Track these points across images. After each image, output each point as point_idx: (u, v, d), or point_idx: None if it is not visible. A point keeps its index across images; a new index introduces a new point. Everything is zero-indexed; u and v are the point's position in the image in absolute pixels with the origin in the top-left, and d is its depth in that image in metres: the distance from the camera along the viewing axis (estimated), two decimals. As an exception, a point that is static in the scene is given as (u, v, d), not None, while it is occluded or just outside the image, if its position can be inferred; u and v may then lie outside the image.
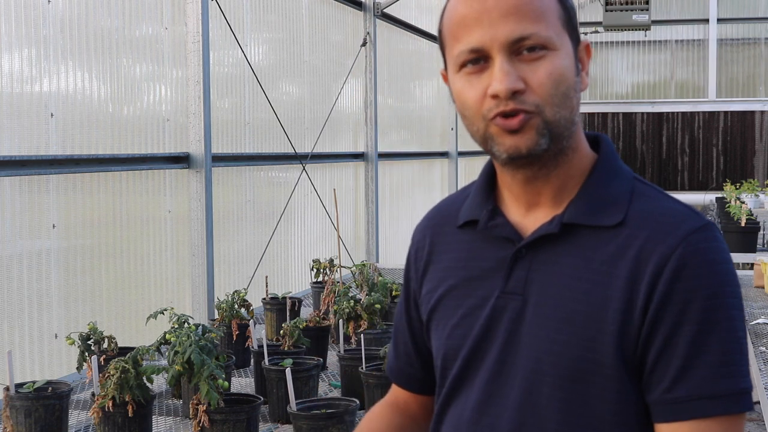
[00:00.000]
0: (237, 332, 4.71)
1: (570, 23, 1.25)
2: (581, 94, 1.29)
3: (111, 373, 3.36)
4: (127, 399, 3.34)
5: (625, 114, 14.76)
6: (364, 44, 9.09)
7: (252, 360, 4.52)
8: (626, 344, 1.19)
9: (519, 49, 1.20)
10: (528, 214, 1.29)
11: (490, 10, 1.20)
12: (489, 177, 1.36)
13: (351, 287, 5.32)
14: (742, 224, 7.48)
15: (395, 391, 1.53)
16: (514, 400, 1.25)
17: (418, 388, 1.49)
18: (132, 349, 3.80)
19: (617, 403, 1.21)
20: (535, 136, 1.20)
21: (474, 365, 1.30)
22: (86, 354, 4.21)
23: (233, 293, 4.99)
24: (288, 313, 5.03)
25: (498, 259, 1.30)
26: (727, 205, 8.50)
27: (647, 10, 11.69)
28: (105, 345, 4.31)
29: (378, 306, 4.83)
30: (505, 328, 1.26)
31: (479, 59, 1.22)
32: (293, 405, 3.40)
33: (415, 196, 11.30)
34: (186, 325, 3.88)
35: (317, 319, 4.83)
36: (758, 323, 4.42)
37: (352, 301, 4.82)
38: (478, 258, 1.32)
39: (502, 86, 1.19)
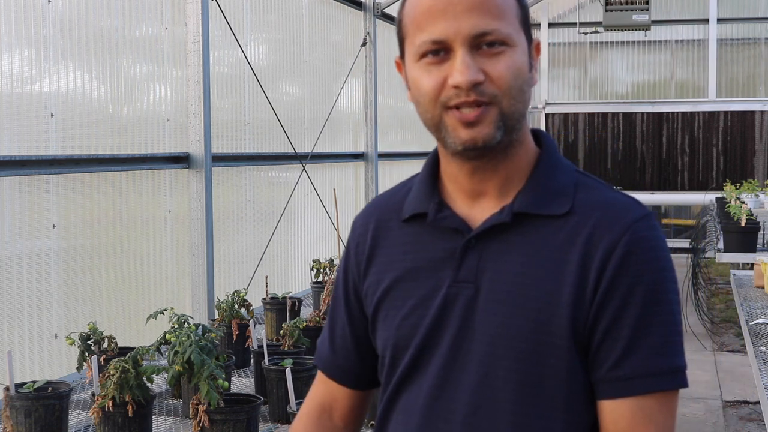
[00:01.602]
0: (237, 332, 4.71)
1: (525, 22, 1.32)
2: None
3: (111, 373, 3.36)
4: (127, 399, 3.34)
5: (625, 114, 14.75)
6: (364, 44, 9.09)
7: (252, 360, 4.52)
8: (577, 326, 1.25)
9: (480, 44, 1.25)
10: (474, 205, 1.33)
11: (455, 4, 1.24)
12: (432, 170, 1.39)
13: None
14: (742, 224, 7.47)
15: (324, 388, 1.53)
16: (470, 384, 1.28)
17: (353, 383, 1.50)
18: (132, 349, 3.80)
19: (569, 382, 1.26)
20: (492, 128, 1.25)
21: (427, 353, 1.32)
22: (86, 354, 4.21)
23: (233, 293, 4.99)
24: (288, 313, 5.03)
25: (447, 250, 1.33)
26: (727, 205, 8.50)
27: (647, 10, 11.69)
28: (105, 345, 4.31)
29: (378, 306, 4.82)
30: (458, 315, 1.30)
31: (440, 50, 1.26)
32: (293, 405, 3.40)
33: (415, 196, 11.27)
34: (186, 325, 3.88)
35: (317, 319, 4.83)
36: (758, 323, 4.42)
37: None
38: (425, 250, 1.35)
39: (463, 78, 1.23)
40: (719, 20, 14.53)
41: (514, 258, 1.29)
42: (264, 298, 5.63)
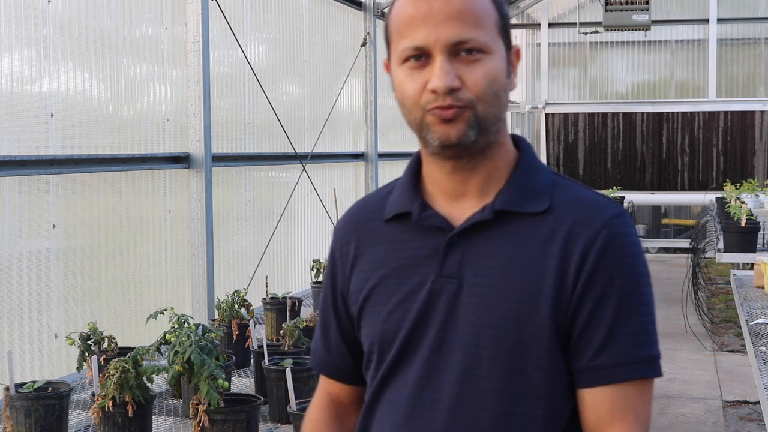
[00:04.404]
0: (237, 332, 4.71)
1: (504, 29, 1.37)
2: (510, 95, 1.42)
3: (111, 373, 3.36)
4: (127, 399, 3.34)
5: (625, 114, 14.75)
6: (364, 44, 9.10)
7: (252, 360, 4.52)
8: (558, 316, 1.31)
9: (458, 51, 1.32)
10: (454, 205, 1.39)
11: (435, 14, 1.31)
12: (414, 173, 1.45)
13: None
14: (742, 224, 7.47)
15: (326, 385, 1.59)
16: (454, 374, 1.34)
17: (349, 379, 1.55)
18: (132, 349, 3.80)
19: (550, 371, 1.32)
20: (465, 127, 1.32)
21: (412, 345, 1.37)
22: (86, 354, 4.21)
23: (233, 293, 4.99)
24: (288, 313, 5.03)
25: (430, 247, 1.38)
26: (727, 205, 8.50)
27: (647, 10, 11.69)
28: (105, 345, 4.31)
29: (378, 306, 4.82)
30: (442, 308, 1.35)
31: (421, 56, 1.33)
32: (293, 405, 3.40)
33: (415, 196, 11.29)
34: (186, 325, 3.88)
35: (317, 319, 4.83)
36: (758, 323, 4.41)
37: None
38: (410, 248, 1.41)
39: (441, 83, 1.30)
40: (719, 20, 14.53)
41: (496, 253, 1.35)
42: (264, 298, 5.63)
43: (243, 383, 4.57)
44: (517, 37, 15.10)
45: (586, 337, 1.32)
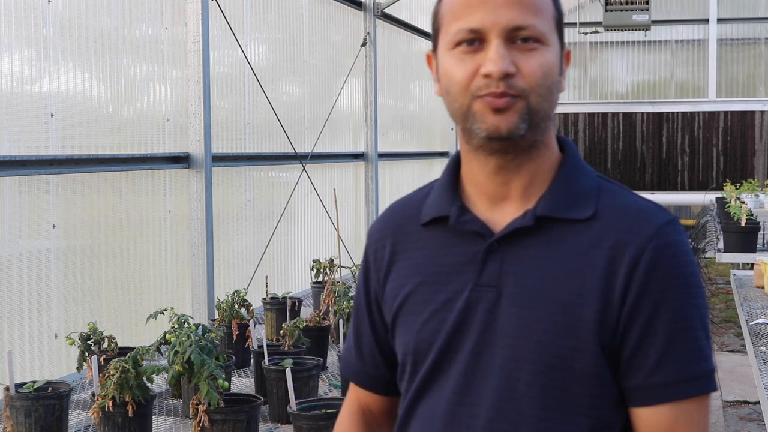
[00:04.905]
0: (237, 332, 4.71)
1: (560, 26, 1.32)
2: (561, 95, 1.36)
3: (111, 373, 3.36)
4: (127, 399, 3.34)
5: (625, 114, 14.75)
6: (364, 44, 9.09)
7: (252, 360, 4.52)
8: (604, 331, 1.24)
9: (515, 38, 1.25)
10: (495, 209, 1.32)
11: None
12: (453, 175, 1.38)
13: (351, 287, 5.32)
14: (742, 224, 7.47)
15: (358, 395, 1.52)
16: (492, 389, 1.27)
17: (383, 390, 1.49)
18: (132, 349, 3.79)
19: (595, 388, 1.25)
20: (517, 119, 1.24)
21: (448, 357, 1.30)
22: (86, 354, 4.20)
23: (233, 293, 4.99)
24: (288, 313, 5.03)
25: (469, 254, 1.31)
26: (727, 205, 8.50)
27: (647, 10, 11.68)
28: (105, 345, 4.31)
29: (378, 306, 4.82)
30: (480, 319, 1.28)
31: (475, 40, 1.26)
32: (293, 405, 3.40)
33: (415, 196, 11.28)
34: (186, 325, 3.88)
35: (317, 319, 4.83)
36: (758, 323, 4.41)
37: (352, 301, 4.82)
38: (447, 254, 1.33)
39: (496, 67, 1.23)
40: (719, 20, 14.53)
41: (537, 262, 1.27)
42: (264, 298, 5.63)
43: (243, 383, 4.57)
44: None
45: (640, 354, 1.24)
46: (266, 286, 5.68)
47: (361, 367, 1.49)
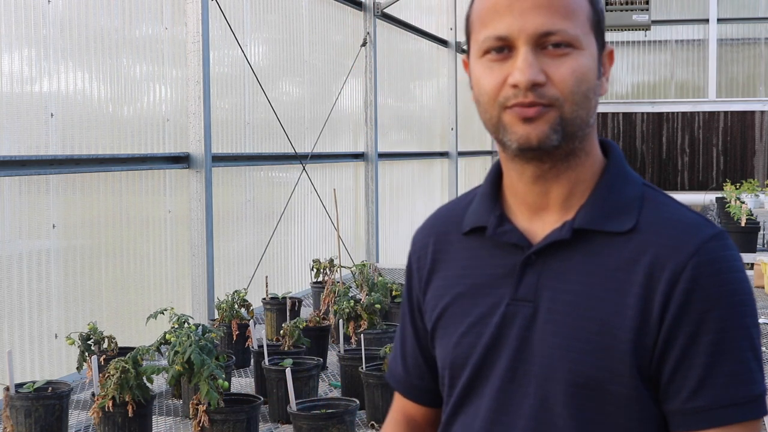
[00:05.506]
0: (237, 332, 4.71)
1: (598, 26, 1.25)
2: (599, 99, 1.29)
3: (111, 373, 3.36)
4: (127, 399, 3.34)
5: (625, 114, 14.75)
6: (364, 44, 9.09)
7: (252, 360, 4.52)
8: (641, 352, 1.18)
9: (544, 44, 1.19)
10: (535, 219, 1.28)
11: (522, 1, 1.19)
12: (494, 183, 1.33)
13: (351, 287, 5.32)
14: (742, 224, 7.48)
15: (403, 405, 1.48)
16: (528, 408, 1.23)
17: (428, 401, 1.45)
18: (132, 349, 3.80)
19: (632, 410, 1.19)
20: (548, 129, 1.19)
21: (484, 374, 1.27)
22: (86, 354, 4.21)
23: (233, 293, 4.99)
24: (288, 313, 5.03)
25: (507, 266, 1.27)
26: (727, 205, 8.50)
27: (647, 10, 11.68)
28: (105, 345, 4.31)
29: (378, 306, 4.83)
30: (516, 335, 1.24)
31: (503, 48, 1.21)
32: (293, 405, 3.40)
33: (415, 196, 11.30)
34: (186, 325, 3.88)
35: (317, 319, 4.83)
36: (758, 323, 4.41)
37: (352, 301, 4.82)
38: (485, 265, 1.30)
39: (523, 77, 1.18)
40: (719, 20, 14.54)
41: (574, 277, 1.22)
42: (264, 298, 5.63)
43: (243, 383, 4.57)
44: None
45: (680, 377, 1.17)
46: (266, 286, 5.68)
47: (406, 378, 1.45)
